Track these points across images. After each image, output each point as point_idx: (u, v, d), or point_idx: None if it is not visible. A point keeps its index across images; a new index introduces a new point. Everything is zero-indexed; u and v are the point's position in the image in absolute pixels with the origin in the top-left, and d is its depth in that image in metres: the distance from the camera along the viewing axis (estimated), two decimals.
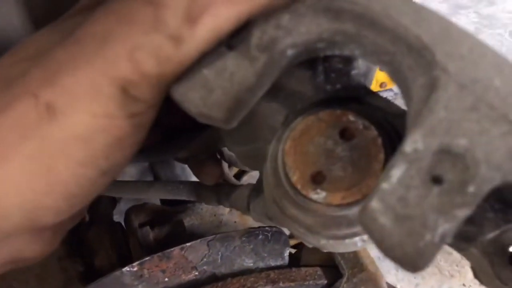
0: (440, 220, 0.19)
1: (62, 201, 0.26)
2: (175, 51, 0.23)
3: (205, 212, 0.68)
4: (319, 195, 0.28)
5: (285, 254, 0.49)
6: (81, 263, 0.59)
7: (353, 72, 0.32)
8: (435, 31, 0.23)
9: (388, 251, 0.20)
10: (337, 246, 0.34)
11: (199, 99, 0.24)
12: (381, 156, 0.28)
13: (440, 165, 0.20)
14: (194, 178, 0.48)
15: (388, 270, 1.19)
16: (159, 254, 0.46)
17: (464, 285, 1.23)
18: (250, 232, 0.48)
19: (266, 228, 0.49)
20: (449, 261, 1.26)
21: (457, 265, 1.25)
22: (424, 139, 0.21)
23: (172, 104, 0.30)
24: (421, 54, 0.22)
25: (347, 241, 0.34)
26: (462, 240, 0.31)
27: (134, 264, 0.45)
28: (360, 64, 0.33)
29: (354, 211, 0.29)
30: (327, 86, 0.33)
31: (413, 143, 0.21)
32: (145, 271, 0.46)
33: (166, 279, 0.46)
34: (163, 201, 0.73)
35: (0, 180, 0.25)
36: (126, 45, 0.23)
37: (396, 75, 0.24)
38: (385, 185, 0.21)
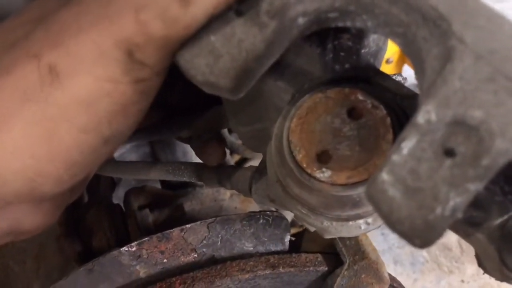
0: (451, 193, 0.19)
1: (63, 169, 0.26)
2: (182, 12, 0.22)
3: (206, 197, 0.67)
4: (324, 173, 0.28)
5: (286, 240, 0.49)
6: (79, 243, 0.58)
7: (363, 50, 0.32)
8: (452, 1, 0.22)
9: (396, 225, 0.20)
10: (340, 228, 0.34)
11: (206, 66, 0.24)
12: (390, 136, 0.28)
13: (453, 137, 0.20)
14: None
15: (387, 264, 1.18)
16: (159, 235, 0.45)
17: (462, 281, 1.22)
18: (251, 216, 0.47)
19: (267, 212, 0.48)
20: (449, 257, 1.26)
21: (456, 261, 1.25)
22: (437, 110, 0.20)
23: (176, 81, 0.29)
24: (436, 24, 0.21)
25: (350, 223, 0.33)
26: (469, 225, 0.30)
27: (133, 244, 0.45)
28: (371, 43, 0.32)
29: (359, 191, 0.28)
30: (335, 66, 0.32)
31: (426, 114, 0.20)
32: (144, 251, 0.45)
33: (165, 260, 0.45)
34: (163, 185, 0.73)
35: (0, 145, 0.24)
36: (132, 6, 0.22)
37: (410, 48, 0.24)
38: (395, 157, 0.20)
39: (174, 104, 0.40)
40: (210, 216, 0.66)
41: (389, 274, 0.50)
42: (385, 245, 1.25)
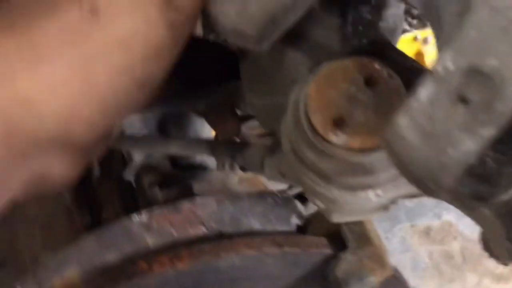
0: (465, 137, 0.20)
1: (97, 112, 0.27)
2: None
3: (215, 180, 0.68)
4: (339, 137, 0.29)
5: (292, 221, 0.49)
6: (89, 215, 0.59)
7: (381, 24, 0.33)
8: None
9: (411, 168, 0.21)
10: (349, 198, 0.34)
11: (235, 14, 0.25)
12: None
13: (468, 85, 0.20)
14: None
15: None
16: (169, 206, 0.46)
17: None
18: (260, 195, 0.48)
19: (276, 193, 0.49)
20: (450, 264, 1.25)
21: (457, 270, 1.25)
22: (454, 58, 0.21)
23: (196, 53, 0.30)
24: None
25: (360, 193, 0.34)
26: (475, 199, 0.31)
27: (143, 212, 0.46)
28: (388, 17, 0.33)
29: (371, 158, 0.29)
30: (354, 40, 0.33)
31: (443, 62, 0.21)
32: (154, 222, 0.46)
33: (174, 231, 0.46)
34: (173, 165, 0.74)
35: (40, 81, 0.25)
36: None
37: (427, 7, 0.25)
38: (413, 102, 0.21)
39: (192, 76, 0.41)
40: None
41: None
42: (387, 248, 1.25)
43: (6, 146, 0.26)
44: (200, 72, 0.41)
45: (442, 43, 0.22)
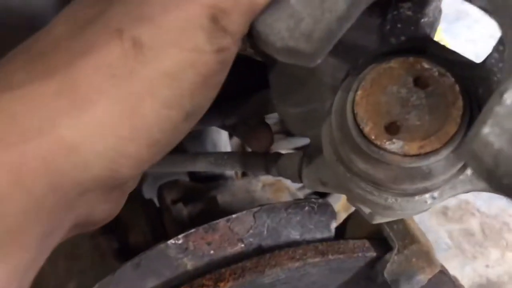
0: None
1: (145, 148, 0.25)
2: None
3: (238, 189, 0.66)
4: (395, 144, 0.27)
5: (332, 226, 0.48)
6: (116, 240, 0.58)
7: (423, 20, 0.31)
8: None
9: (504, 178, 0.19)
10: (404, 204, 0.33)
11: (286, 30, 0.23)
12: (460, 103, 0.27)
13: None
14: None
15: None
16: (205, 226, 0.45)
17: (487, 266, 1.21)
18: (296, 204, 0.46)
19: (312, 199, 0.47)
20: (472, 242, 1.25)
21: (480, 247, 1.24)
22: None
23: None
24: None
25: (417, 198, 0.32)
26: None
27: (179, 236, 0.44)
28: (430, 12, 0.31)
29: (431, 161, 0.28)
30: (391, 38, 0.31)
31: None
32: (190, 243, 0.44)
33: (212, 251, 0.45)
34: (191, 178, 0.72)
35: (84, 125, 0.23)
36: None
37: (495, 1, 0.23)
38: (499, 109, 0.19)
39: (220, 91, 0.39)
40: (243, 207, 0.66)
41: None
42: None
43: (52, 198, 0.24)
44: (226, 86, 0.39)
45: None
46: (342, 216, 0.76)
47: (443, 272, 0.49)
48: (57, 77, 0.23)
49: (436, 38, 0.32)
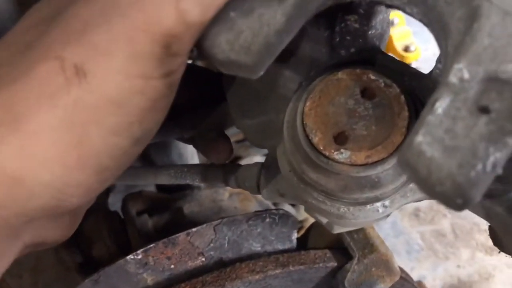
0: (490, 149, 0.19)
1: (94, 176, 0.24)
2: None
3: (204, 198, 0.66)
4: (343, 154, 0.28)
5: (293, 237, 0.48)
6: (79, 254, 0.57)
7: (370, 32, 0.31)
8: None
9: (436, 186, 0.19)
10: (357, 213, 0.33)
11: (226, 43, 0.23)
12: (405, 113, 0.28)
13: (486, 94, 0.20)
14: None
15: None
16: (164, 240, 0.44)
17: (459, 266, 1.23)
18: (257, 215, 0.46)
19: (273, 211, 0.47)
20: (443, 243, 1.27)
21: (451, 247, 1.26)
22: (469, 68, 0.20)
23: (181, 81, 0.28)
24: None
25: (368, 207, 0.33)
26: (487, 198, 0.30)
27: (139, 251, 0.44)
28: (377, 24, 0.32)
29: (378, 170, 0.28)
30: (341, 50, 0.32)
31: (458, 72, 0.20)
32: (150, 258, 0.44)
33: (172, 266, 0.44)
34: (158, 189, 0.72)
35: (27, 156, 0.23)
36: None
37: (429, 14, 0.24)
38: (430, 118, 0.20)
39: (178, 105, 0.39)
40: (209, 217, 0.65)
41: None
42: (380, 234, 1.26)
43: None
44: (186, 100, 0.39)
45: (451, 52, 0.21)
46: (310, 221, 0.76)
47: (405, 279, 0.49)
48: None
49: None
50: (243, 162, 0.85)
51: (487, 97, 0.20)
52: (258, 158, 0.89)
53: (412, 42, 1.39)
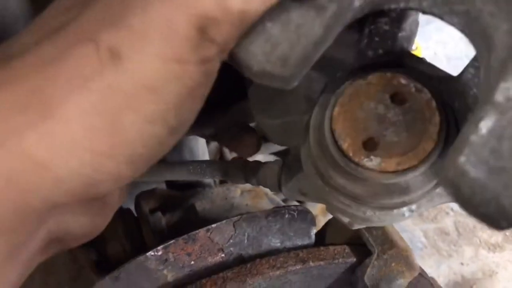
0: None
1: (125, 165, 0.24)
2: None
3: (216, 196, 0.66)
4: (373, 161, 0.27)
5: (312, 233, 0.48)
6: (93, 252, 0.57)
7: (400, 34, 0.31)
8: None
9: (480, 207, 0.19)
10: (383, 217, 0.33)
11: (262, 54, 0.23)
12: (437, 118, 0.27)
13: None
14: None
15: None
16: (184, 236, 0.44)
17: (462, 263, 1.24)
18: (276, 212, 0.46)
19: (292, 207, 0.47)
20: (446, 241, 1.27)
21: (454, 245, 1.27)
22: None
23: None
24: None
25: (395, 211, 0.33)
26: None
27: (159, 248, 0.43)
28: (407, 26, 0.32)
29: (408, 177, 0.28)
30: (369, 52, 0.31)
31: (505, 91, 0.20)
32: (170, 255, 0.44)
33: (192, 262, 0.44)
34: (169, 186, 0.71)
35: (55, 142, 0.22)
36: None
37: (472, 26, 0.23)
38: (474, 138, 0.20)
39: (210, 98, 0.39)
40: (222, 214, 0.65)
41: None
42: None
43: (19, 217, 0.23)
44: (215, 93, 0.39)
45: (495, 67, 0.21)
46: (320, 220, 0.76)
47: (422, 275, 0.49)
48: (25, 86, 0.22)
49: None
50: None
51: None
52: (260, 157, 0.89)
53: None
